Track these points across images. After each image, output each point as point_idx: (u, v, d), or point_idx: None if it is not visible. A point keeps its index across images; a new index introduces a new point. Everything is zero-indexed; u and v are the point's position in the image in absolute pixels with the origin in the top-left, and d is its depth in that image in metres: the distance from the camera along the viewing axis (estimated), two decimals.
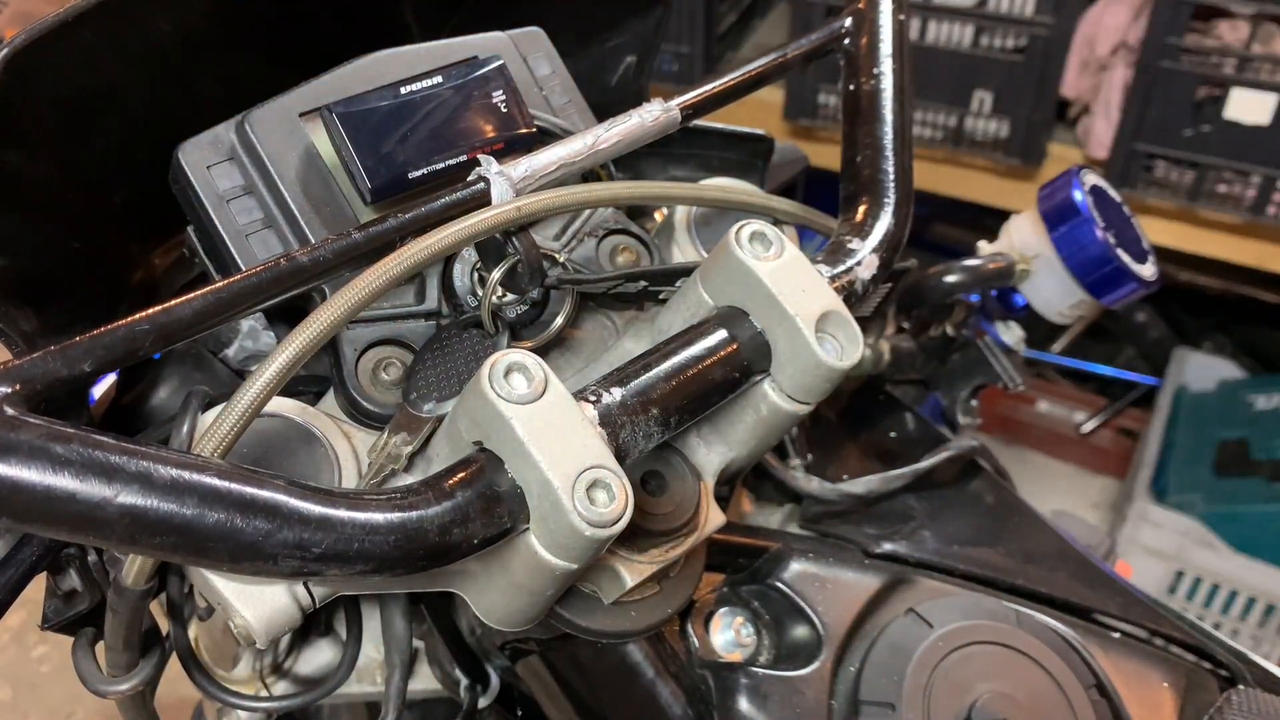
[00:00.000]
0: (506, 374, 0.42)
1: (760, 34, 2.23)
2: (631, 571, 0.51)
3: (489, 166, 0.53)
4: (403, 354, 0.57)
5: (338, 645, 0.72)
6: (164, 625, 0.56)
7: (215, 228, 0.56)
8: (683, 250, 0.69)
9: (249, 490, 0.34)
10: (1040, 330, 0.83)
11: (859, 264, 0.58)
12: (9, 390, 0.34)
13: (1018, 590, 0.63)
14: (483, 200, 0.53)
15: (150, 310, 0.41)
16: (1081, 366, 2.38)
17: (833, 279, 0.56)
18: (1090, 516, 2.02)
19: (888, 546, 0.64)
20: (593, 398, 0.46)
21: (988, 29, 1.79)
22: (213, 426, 0.41)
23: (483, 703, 0.69)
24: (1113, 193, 0.77)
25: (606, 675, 0.60)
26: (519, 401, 0.41)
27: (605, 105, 0.68)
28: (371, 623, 0.65)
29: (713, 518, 0.55)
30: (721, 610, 0.60)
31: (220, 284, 0.43)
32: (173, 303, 0.41)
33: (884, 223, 0.61)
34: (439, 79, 0.59)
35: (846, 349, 0.51)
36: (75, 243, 0.61)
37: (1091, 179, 0.75)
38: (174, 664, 0.58)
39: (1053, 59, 1.76)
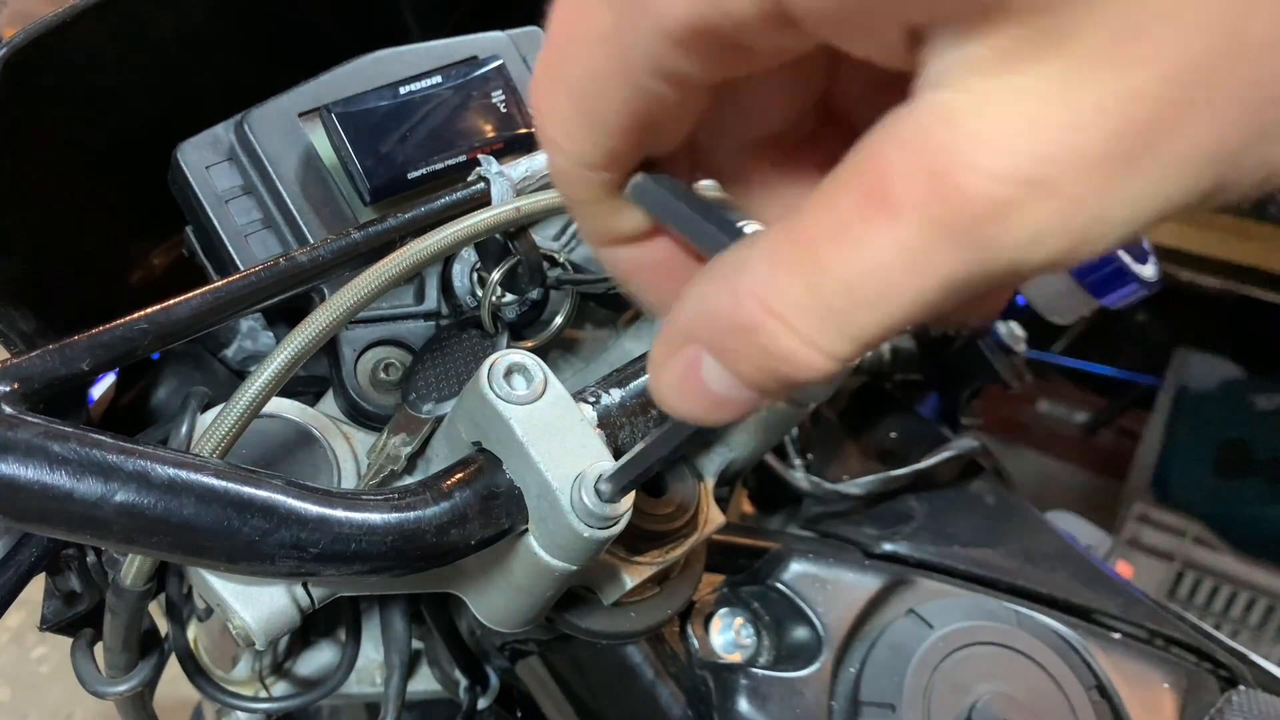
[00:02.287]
0: (506, 374, 0.41)
1: None
2: (631, 572, 0.51)
3: (489, 166, 0.53)
4: (402, 354, 0.57)
5: (337, 646, 0.72)
6: (163, 626, 0.56)
7: (214, 228, 0.56)
8: None
9: (246, 490, 0.34)
10: (1040, 330, 0.83)
11: None
12: (7, 389, 0.34)
13: (1018, 590, 0.63)
14: (482, 200, 0.52)
15: (148, 310, 0.40)
16: (1081, 366, 2.38)
17: None
18: (1090, 516, 2.02)
19: (888, 547, 0.64)
20: (592, 398, 0.46)
21: None
22: (212, 427, 0.41)
23: (482, 703, 0.69)
24: None
25: (606, 676, 0.60)
26: (518, 402, 0.41)
27: None
28: (371, 624, 0.65)
29: (713, 518, 0.54)
30: (721, 611, 0.60)
31: (219, 284, 0.43)
32: (171, 302, 0.41)
33: None
34: (438, 79, 0.59)
35: None
36: (75, 243, 0.61)
37: None
38: (173, 664, 0.57)
39: None
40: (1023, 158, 0.17)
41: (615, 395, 0.46)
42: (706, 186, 0.30)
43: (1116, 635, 0.61)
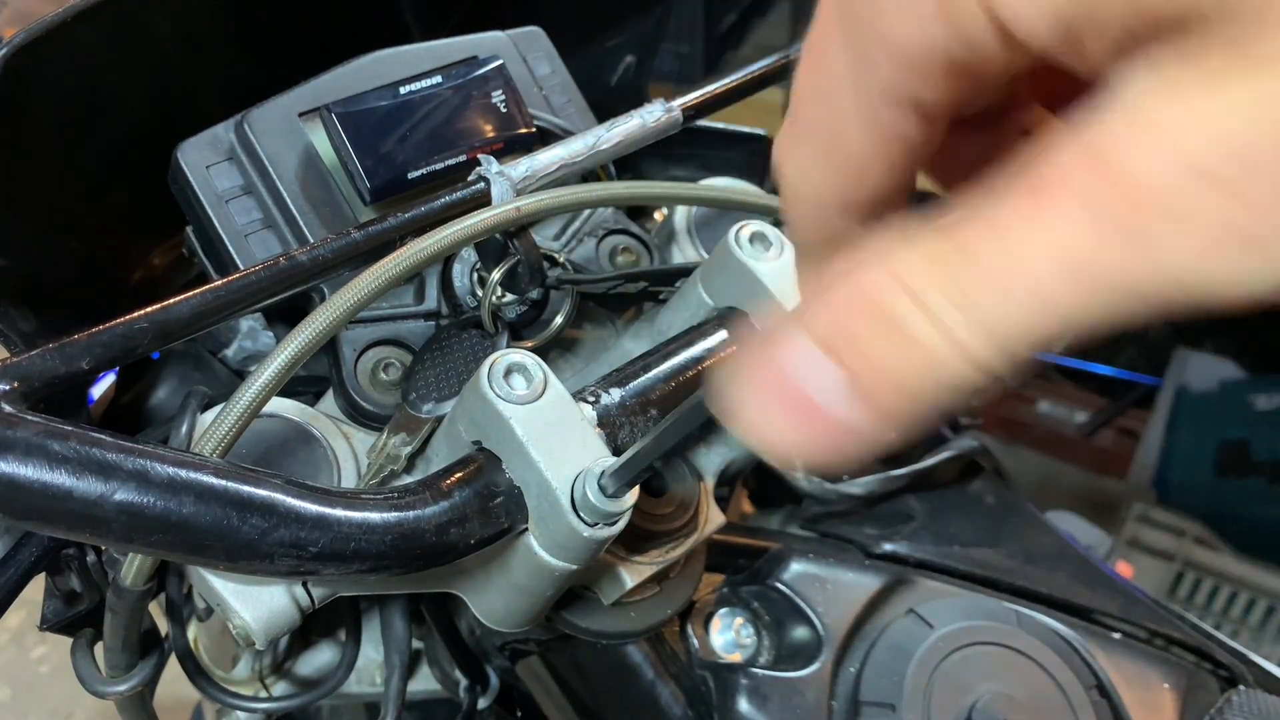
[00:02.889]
0: (506, 374, 0.41)
1: (760, 34, 2.24)
2: (631, 572, 0.51)
3: (489, 166, 0.53)
4: (402, 354, 0.57)
5: (337, 646, 0.72)
6: (163, 626, 0.56)
7: (214, 228, 0.56)
8: (683, 250, 0.69)
9: (246, 489, 0.34)
10: None
11: None
12: (7, 388, 0.34)
13: (1018, 590, 0.63)
14: (482, 200, 0.52)
15: (148, 309, 0.40)
16: (1081, 366, 2.38)
17: None
18: (1090, 516, 2.02)
19: (888, 547, 0.64)
20: (592, 398, 0.46)
21: None
22: (212, 426, 0.41)
23: (482, 703, 0.69)
24: None
25: (606, 676, 0.60)
26: (518, 402, 0.41)
27: (605, 105, 0.68)
28: (371, 623, 0.65)
29: (713, 518, 0.54)
30: (721, 611, 0.60)
31: (219, 283, 0.43)
32: (171, 301, 0.41)
33: None
34: (438, 79, 0.59)
35: None
36: (75, 243, 0.61)
37: None
38: (173, 664, 0.58)
39: None
40: (1198, 146, 0.15)
41: (615, 395, 0.46)
42: None
43: (1116, 635, 0.61)
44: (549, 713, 0.67)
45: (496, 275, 0.54)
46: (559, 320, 0.57)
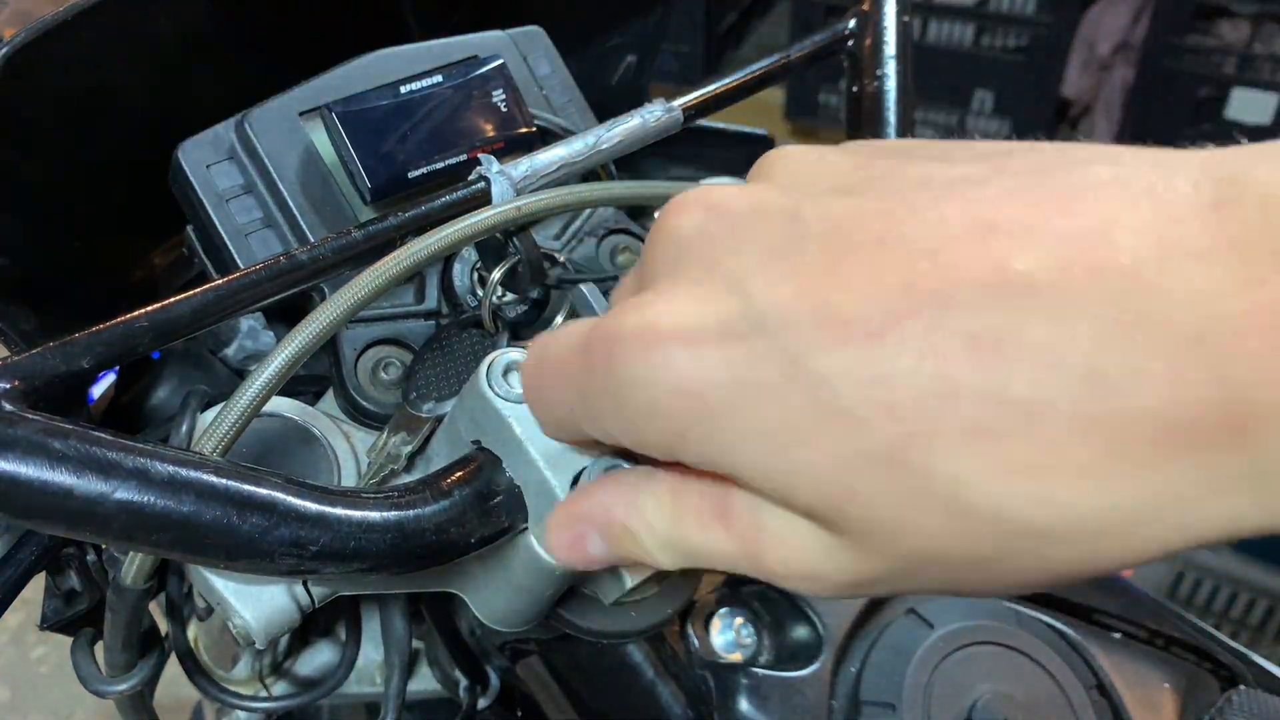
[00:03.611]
0: (505, 373, 0.41)
1: (760, 34, 2.24)
2: (631, 572, 0.51)
3: (489, 166, 0.53)
4: (402, 354, 0.57)
5: (337, 646, 0.72)
6: (163, 625, 0.56)
7: (214, 227, 0.56)
8: None
9: (246, 487, 0.34)
10: None
11: None
12: (7, 386, 0.34)
13: None
14: (483, 200, 0.52)
15: (149, 308, 0.41)
16: None
17: None
18: None
19: None
20: None
21: (989, 29, 1.79)
22: (212, 426, 0.41)
23: (483, 703, 0.69)
24: None
25: (606, 676, 0.60)
26: (517, 400, 0.41)
27: (606, 105, 0.68)
28: (371, 623, 0.65)
29: None
30: (722, 611, 0.60)
31: (219, 282, 0.43)
32: (171, 300, 0.41)
33: None
34: (439, 78, 0.59)
35: None
36: (75, 243, 0.61)
37: None
38: (173, 664, 0.58)
39: (1054, 59, 1.76)
40: (804, 569, 0.29)
41: None
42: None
43: (1116, 635, 0.61)
44: (549, 713, 0.67)
45: (497, 275, 0.54)
46: (559, 320, 0.57)
